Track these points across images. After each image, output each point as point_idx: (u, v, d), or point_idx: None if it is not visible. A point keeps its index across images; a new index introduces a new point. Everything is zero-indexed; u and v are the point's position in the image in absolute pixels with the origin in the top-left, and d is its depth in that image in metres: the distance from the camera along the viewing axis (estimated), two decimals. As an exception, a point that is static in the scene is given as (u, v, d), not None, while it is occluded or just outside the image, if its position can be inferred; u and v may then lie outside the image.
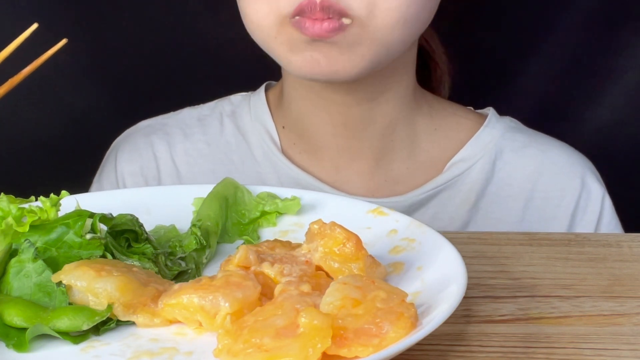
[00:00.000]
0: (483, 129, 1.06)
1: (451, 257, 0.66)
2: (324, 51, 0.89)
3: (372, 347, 0.56)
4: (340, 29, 0.87)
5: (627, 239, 0.80)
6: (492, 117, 1.07)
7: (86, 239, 0.67)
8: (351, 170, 1.03)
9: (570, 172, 1.05)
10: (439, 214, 1.02)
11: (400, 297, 0.59)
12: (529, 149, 1.05)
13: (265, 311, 0.59)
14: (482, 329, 0.64)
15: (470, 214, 1.03)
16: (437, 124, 1.05)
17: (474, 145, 1.04)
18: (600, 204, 1.04)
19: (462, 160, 1.04)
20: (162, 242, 0.72)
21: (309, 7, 0.87)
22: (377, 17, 0.88)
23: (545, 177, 1.04)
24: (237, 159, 1.06)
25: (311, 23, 0.87)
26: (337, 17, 0.87)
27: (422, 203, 1.02)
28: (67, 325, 0.60)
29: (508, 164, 1.04)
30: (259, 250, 0.67)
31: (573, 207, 1.04)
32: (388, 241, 0.72)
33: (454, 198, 1.03)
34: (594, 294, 0.70)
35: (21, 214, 0.67)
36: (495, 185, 1.04)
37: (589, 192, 1.04)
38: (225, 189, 0.77)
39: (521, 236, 0.80)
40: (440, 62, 1.11)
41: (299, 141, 1.04)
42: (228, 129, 1.07)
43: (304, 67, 0.90)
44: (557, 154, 1.06)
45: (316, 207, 0.77)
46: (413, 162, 1.04)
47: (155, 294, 0.63)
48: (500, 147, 1.05)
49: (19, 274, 0.64)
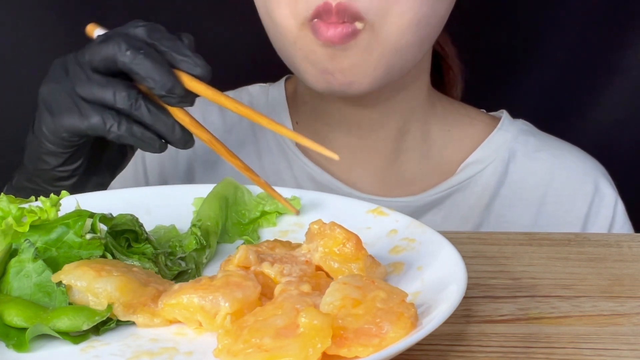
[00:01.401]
0: (496, 131, 1.06)
1: (451, 257, 0.66)
2: (337, 61, 0.89)
3: (372, 347, 0.56)
4: (353, 34, 0.87)
5: (627, 239, 0.80)
6: (505, 120, 1.07)
7: (86, 239, 0.67)
8: (364, 170, 1.03)
9: (583, 177, 1.05)
10: (451, 215, 1.03)
11: (400, 297, 0.59)
12: (541, 152, 1.06)
13: (265, 311, 0.59)
14: (482, 329, 0.64)
15: (482, 216, 1.03)
16: (451, 126, 1.06)
17: (487, 148, 1.05)
18: (613, 209, 1.04)
19: (475, 162, 1.04)
20: (162, 242, 0.72)
21: (325, 10, 0.87)
22: (389, 20, 0.88)
23: (557, 182, 1.04)
24: (253, 152, 1.06)
25: (326, 27, 0.87)
26: (350, 21, 0.87)
27: (434, 204, 1.02)
28: (67, 325, 0.60)
29: (521, 167, 1.05)
30: (259, 250, 0.67)
31: (585, 211, 1.04)
32: (388, 241, 0.72)
33: (466, 200, 1.03)
34: (594, 294, 0.70)
35: (21, 214, 0.67)
36: (507, 188, 1.04)
37: (601, 197, 1.04)
38: (225, 189, 0.78)
39: (521, 236, 0.80)
40: (453, 64, 1.11)
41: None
42: (246, 120, 1.07)
43: (319, 82, 0.91)
44: (569, 158, 1.06)
45: (316, 207, 0.77)
46: (426, 163, 1.04)
47: (155, 294, 0.63)
48: (513, 149, 1.05)
49: (19, 274, 0.64)
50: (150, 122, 0.74)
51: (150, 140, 0.75)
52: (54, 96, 0.77)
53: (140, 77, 0.73)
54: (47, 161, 0.81)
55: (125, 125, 0.75)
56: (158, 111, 0.74)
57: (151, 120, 0.74)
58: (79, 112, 0.76)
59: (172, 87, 0.73)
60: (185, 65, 0.74)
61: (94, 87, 0.75)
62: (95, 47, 0.76)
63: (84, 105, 0.76)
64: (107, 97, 0.74)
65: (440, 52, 1.09)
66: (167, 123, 0.74)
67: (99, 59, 0.75)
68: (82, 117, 0.76)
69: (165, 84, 0.73)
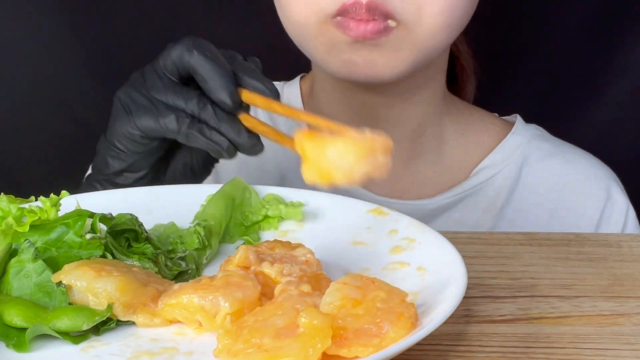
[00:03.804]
0: (510, 136, 1.06)
1: (451, 257, 0.66)
2: (363, 54, 0.88)
3: (372, 347, 0.56)
4: (385, 31, 0.86)
5: (627, 239, 0.80)
6: (518, 124, 1.07)
7: (86, 239, 0.67)
8: None
9: (595, 183, 1.05)
10: (464, 218, 1.02)
11: (400, 297, 0.59)
12: (554, 158, 1.06)
13: (265, 311, 0.59)
14: (482, 329, 0.64)
15: (494, 221, 1.03)
16: (465, 129, 1.06)
17: (501, 152, 1.05)
18: (625, 216, 1.04)
19: (489, 166, 1.04)
20: (162, 239, 0.72)
21: (354, 7, 0.85)
22: (423, 21, 0.87)
23: (569, 188, 1.04)
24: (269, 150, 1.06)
25: (355, 24, 0.86)
26: (382, 19, 0.86)
27: (447, 207, 1.02)
28: (67, 325, 0.60)
29: (533, 172, 1.05)
30: (258, 250, 0.67)
31: (597, 218, 1.04)
32: (388, 241, 0.72)
33: (479, 203, 1.03)
34: (594, 294, 0.70)
35: (21, 214, 0.67)
36: (520, 193, 1.04)
37: (613, 204, 1.04)
38: (234, 189, 0.77)
39: (521, 236, 0.80)
40: (466, 64, 1.10)
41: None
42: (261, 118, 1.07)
43: (342, 69, 0.90)
44: (582, 164, 1.06)
45: (317, 207, 0.77)
46: (440, 166, 1.04)
47: (155, 294, 0.63)
48: (526, 154, 1.05)
49: (19, 274, 0.64)
50: (216, 125, 0.75)
51: (219, 142, 0.76)
52: (131, 98, 0.79)
53: (201, 77, 0.75)
54: (112, 165, 0.82)
55: (196, 126, 0.76)
56: (225, 115, 0.75)
57: (217, 123, 0.75)
58: (155, 110, 0.77)
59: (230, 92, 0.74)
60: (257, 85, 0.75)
61: (168, 90, 0.77)
62: (167, 50, 0.78)
63: (159, 106, 0.77)
64: (179, 100, 0.76)
65: (455, 51, 1.09)
66: (234, 126, 0.75)
67: (170, 62, 0.77)
68: (157, 115, 0.77)
69: (223, 87, 0.74)
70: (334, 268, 0.69)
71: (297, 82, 1.09)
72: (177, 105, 0.76)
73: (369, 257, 0.71)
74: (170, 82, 0.77)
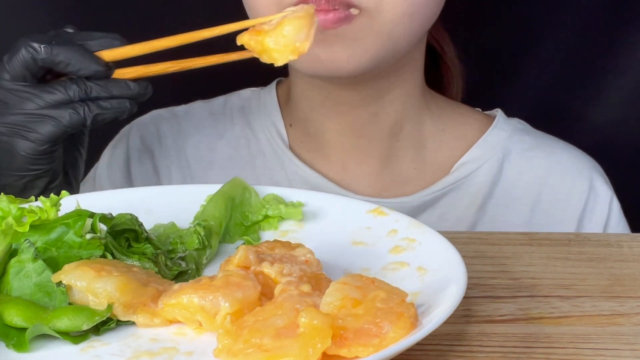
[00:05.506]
0: (491, 130, 1.05)
1: (451, 257, 0.66)
2: (325, 45, 0.87)
3: (372, 347, 0.56)
4: (347, 19, 0.86)
5: (627, 239, 0.80)
6: (499, 119, 1.07)
7: (86, 239, 0.67)
8: (358, 170, 1.03)
9: (577, 175, 1.04)
10: (446, 215, 1.02)
11: (400, 297, 0.59)
12: (536, 151, 1.05)
13: (265, 311, 0.59)
14: (482, 329, 0.64)
15: (477, 216, 1.03)
16: (445, 125, 1.05)
17: (482, 147, 1.04)
18: (608, 207, 1.04)
19: (470, 161, 1.04)
20: (162, 239, 0.72)
21: None
22: (384, 8, 0.87)
23: (552, 180, 1.04)
24: (247, 155, 1.06)
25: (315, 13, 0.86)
26: (343, 8, 0.85)
27: (429, 204, 1.02)
28: (67, 325, 0.60)
29: (515, 166, 1.04)
30: (258, 250, 0.67)
31: (581, 209, 1.03)
32: (388, 241, 0.72)
33: (461, 199, 1.03)
34: (594, 294, 0.70)
35: (21, 214, 0.67)
36: (502, 187, 1.04)
37: (596, 195, 1.04)
38: (234, 189, 0.77)
39: (521, 236, 0.80)
40: (451, 64, 1.10)
41: (306, 139, 1.04)
42: (238, 125, 1.07)
43: (305, 63, 0.90)
44: (564, 156, 1.06)
45: (317, 207, 0.77)
46: (420, 163, 1.04)
47: (155, 294, 0.63)
48: (508, 148, 1.05)
49: (19, 274, 0.64)
50: (109, 93, 0.79)
51: (121, 105, 0.80)
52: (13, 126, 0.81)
53: (63, 63, 0.78)
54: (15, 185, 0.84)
55: (94, 105, 0.79)
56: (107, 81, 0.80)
57: (108, 91, 0.79)
58: (50, 119, 0.80)
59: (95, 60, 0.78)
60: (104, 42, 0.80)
61: (43, 97, 0.80)
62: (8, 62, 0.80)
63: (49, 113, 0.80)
64: (59, 96, 0.79)
65: (438, 50, 1.09)
66: (121, 84, 0.80)
67: (20, 71, 0.80)
68: (56, 121, 0.80)
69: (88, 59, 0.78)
70: (334, 268, 0.69)
71: (273, 86, 1.09)
72: (61, 99, 0.79)
73: (369, 257, 0.71)
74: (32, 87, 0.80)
